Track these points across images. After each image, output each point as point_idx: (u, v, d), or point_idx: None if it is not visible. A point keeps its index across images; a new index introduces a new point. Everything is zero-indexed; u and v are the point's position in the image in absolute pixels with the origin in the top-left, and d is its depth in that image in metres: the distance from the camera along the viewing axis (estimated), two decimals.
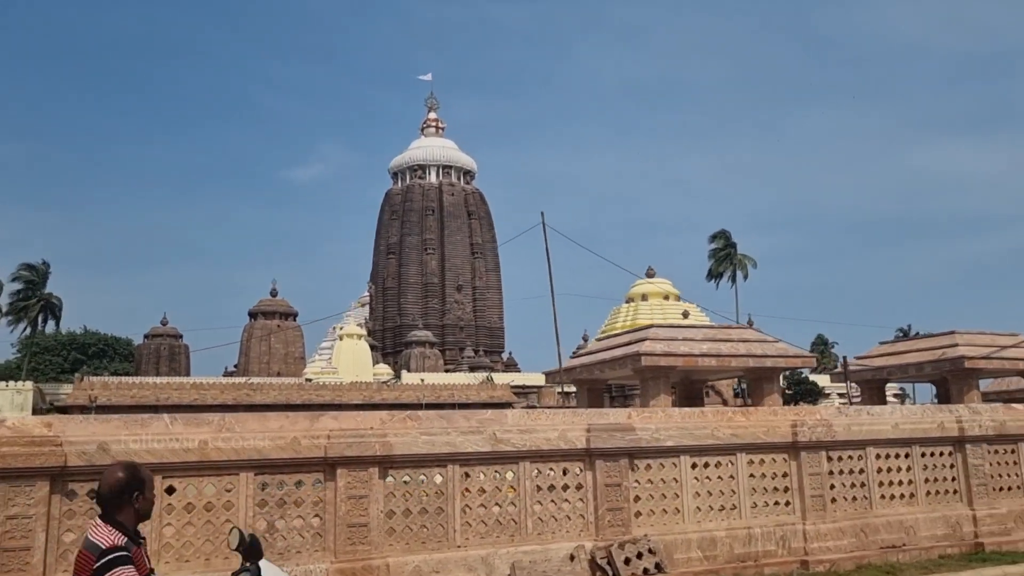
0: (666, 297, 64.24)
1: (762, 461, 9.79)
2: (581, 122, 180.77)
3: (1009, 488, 11.36)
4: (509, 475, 8.56)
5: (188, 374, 77.79)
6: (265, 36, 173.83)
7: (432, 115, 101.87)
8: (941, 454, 10.96)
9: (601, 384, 18.19)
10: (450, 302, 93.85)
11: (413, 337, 76.99)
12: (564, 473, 8.81)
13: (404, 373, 69.92)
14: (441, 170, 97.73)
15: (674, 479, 9.27)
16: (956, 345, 19.42)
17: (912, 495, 10.63)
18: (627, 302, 64.72)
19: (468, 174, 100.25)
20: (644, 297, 64.05)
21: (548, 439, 8.66)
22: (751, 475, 9.70)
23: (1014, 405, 12.05)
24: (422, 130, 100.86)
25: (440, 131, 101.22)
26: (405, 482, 8.07)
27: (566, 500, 8.74)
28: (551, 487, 8.70)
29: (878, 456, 10.51)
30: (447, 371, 75.21)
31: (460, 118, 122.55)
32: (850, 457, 10.35)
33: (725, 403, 52.88)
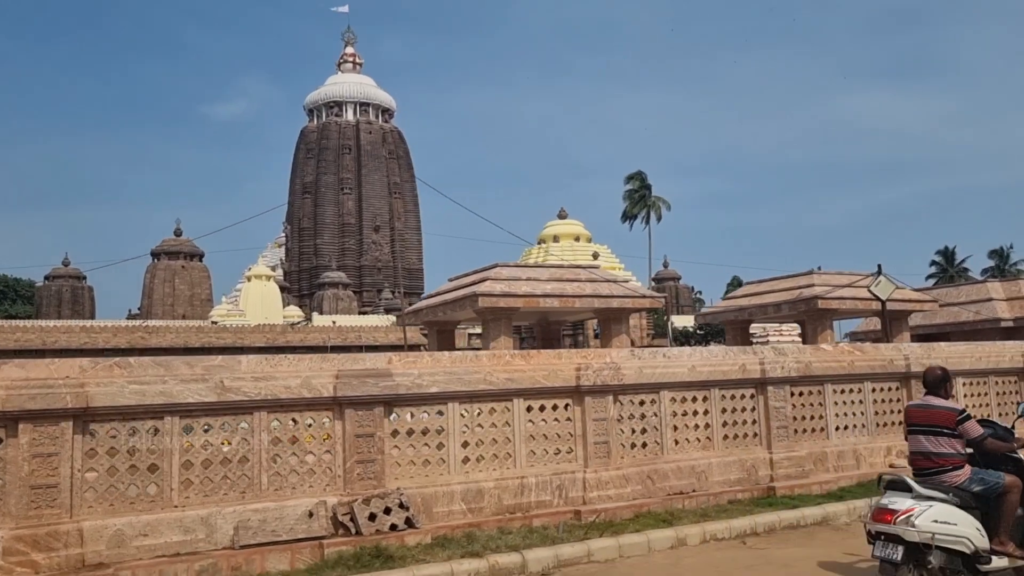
0: (577, 238, 64.31)
1: (542, 407, 9.27)
2: (513, 63, 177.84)
3: (812, 431, 11.17)
4: (243, 426, 7.83)
5: (93, 317, 74.97)
6: None
7: (349, 50, 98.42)
8: (742, 397, 10.64)
9: (451, 326, 17.57)
10: (368, 243, 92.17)
11: (326, 278, 75.46)
12: (309, 425, 8.12)
13: (316, 316, 68.58)
14: (359, 107, 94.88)
15: (439, 428, 8.68)
16: (812, 285, 19.33)
17: (708, 439, 10.31)
18: (539, 243, 64.52)
19: (387, 112, 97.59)
20: (555, 238, 63.96)
21: (288, 387, 7.92)
22: (530, 422, 9.18)
23: (823, 346, 11.82)
24: (339, 66, 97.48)
25: (358, 67, 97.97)
26: (112, 437, 7.27)
27: (311, 452, 8.07)
28: (293, 439, 8.01)
29: (673, 400, 10.12)
30: (362, 313, 74.16)
31: (389, 56, 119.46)
32: (642, 402, 9.92)
33: (632, 342, 53.11)
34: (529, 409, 9.21)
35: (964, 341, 17.55)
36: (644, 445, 9.87)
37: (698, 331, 57.89)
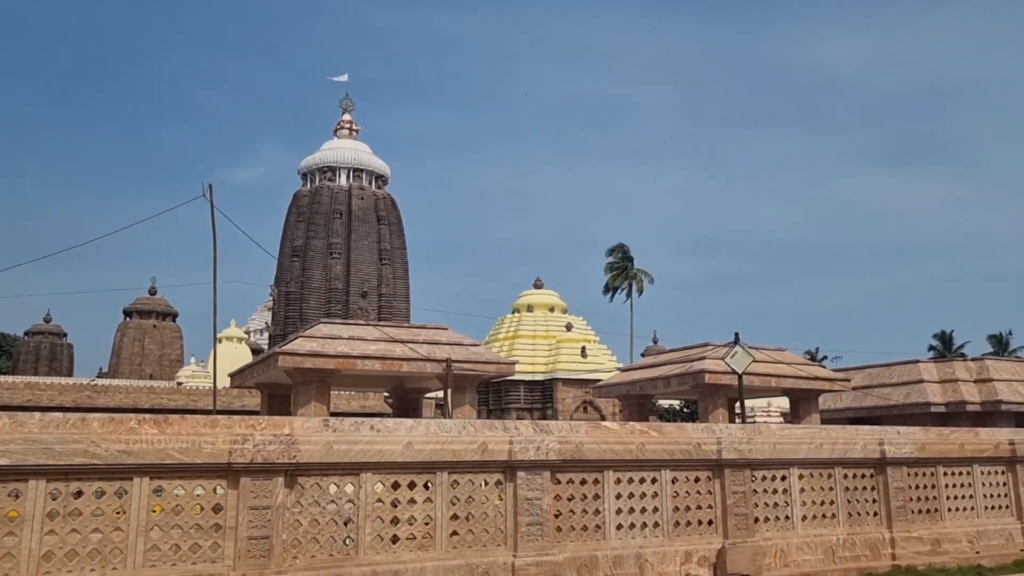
0: (551, 309, 62.33)
1: (177, 489, 7.28)
2: (522, 136, 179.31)
3: (584, 528, 9.02)
4: None
5: (70, 374, 73.80)
6: (214, 36, 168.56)
7: (347, 116, 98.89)
8: (483, 484, 8.57)
9: (283, 389, 15.62)
10: (354, 308, 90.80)
11: None
12: None
13: None
14: (352, 173, 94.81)
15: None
16: (703, 358, 17.24)
17: (428, 536, 8.20)
18: (513, 312, 62.66)
19: (380, 178, 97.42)
20: (529, 308, 62.06)
21: None
22: (154, 509, 7.17)
23: (606, 424, 9.75)
24: (335, 131, 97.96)
25: (354, 133, 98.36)
26: None
27: None
28: None
29: (381, 485, 8.09)
30: None
31: (389, 124, 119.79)
32: (333, 486, 7.90)
33: (603, 418, 50.65)
34: (158, 492, 7.22)
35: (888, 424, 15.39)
36: (332, 541, 7.80)
37: (684, 409, 55.31)
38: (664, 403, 58.37)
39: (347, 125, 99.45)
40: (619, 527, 9.19)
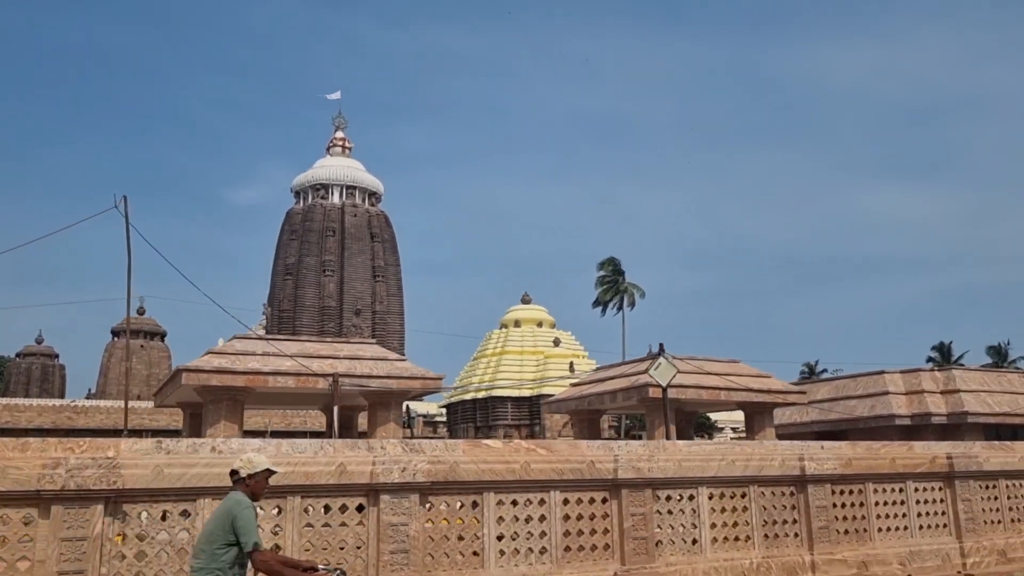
0: (539, 324, 61.61)
1: None
2: (522, 152, 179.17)
3: (460, 555, 8.30)
4: None
5: (62, 396, 73.31)
6: (217, 57, 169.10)
7: (339, 134, 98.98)
8: (342, 509, 7.89)
9: (196, 407, 14.96)
10: (347, 326, 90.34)
11: None
12: None
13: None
14: (345, 190, 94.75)
15: None
16: (648, 372, 16.51)
17: None
18: (500, 327, 61.96)
19: (374, 196, 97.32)
20: (517, 323, 61.37)
21: None
22: None
23: (486, 442, 9.05)
24: (328, 149, 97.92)
25: (347, 151, 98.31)
26: None
27: None
28: None
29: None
30: None
31: (400, 144, 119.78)
32: (165, 515, 7.24)
33: (607, 437, 49.80)
34: None
35: (863, 440, 14.70)
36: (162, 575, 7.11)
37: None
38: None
39: (340, 143, 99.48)
40: (501, 553, 8.47)
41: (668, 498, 9.42)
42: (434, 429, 65.54)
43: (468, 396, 56.68)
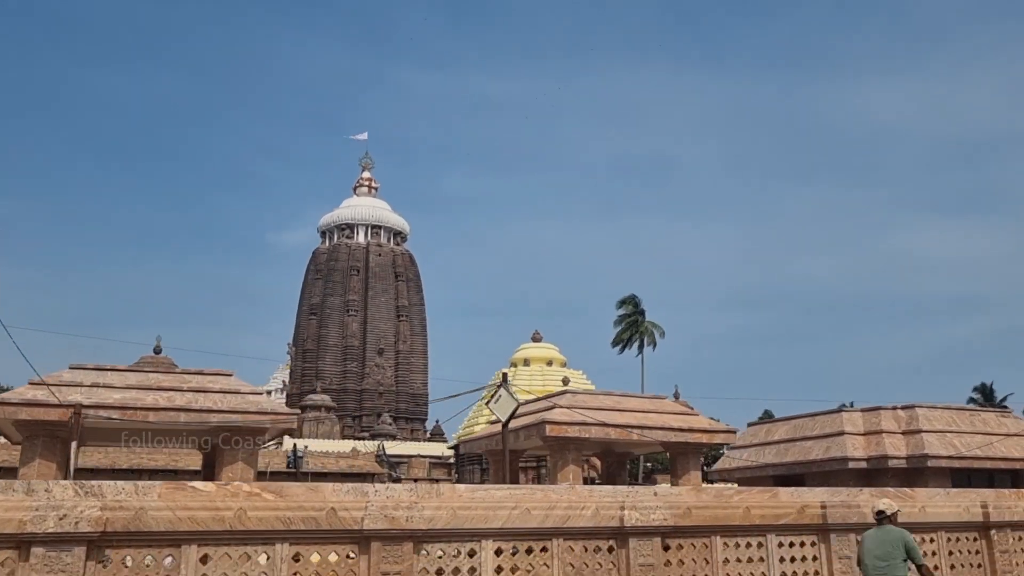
0: (549, 363, 59.82)
1: None
2: (566, 195, 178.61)
3: None
4: None
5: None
6: (266, 106, 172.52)
7: (366, 175, 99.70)
8: None
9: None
10: (370, 366, 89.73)
11: (309, 401, 72.52)
12: None
13: (286, 439, 65.30)
14: (370, 230, 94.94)
15: None
16: (554, 407, 14.88)
17: None
18: (510, 366, 60.26)
19: (399, 235, 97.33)
20: (526, 362, 59.65)
21: None
22: None
23: (195, 484, 7.57)
24: (355, 189, 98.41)
25: (373, 191, 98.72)
26: None
27: None
28: None
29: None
30: (345, 438, 70.98)
31: (448, 188, 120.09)
32: None
33: (593, 480, 47.88)
34: None
35: (818, 487, 13.08)
36: None
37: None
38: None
39: (366, 183, 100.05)
40: None
41: (441, 555, 7.83)
42: (449, 472, 63.68)
43: (475, 437, 55.01)
